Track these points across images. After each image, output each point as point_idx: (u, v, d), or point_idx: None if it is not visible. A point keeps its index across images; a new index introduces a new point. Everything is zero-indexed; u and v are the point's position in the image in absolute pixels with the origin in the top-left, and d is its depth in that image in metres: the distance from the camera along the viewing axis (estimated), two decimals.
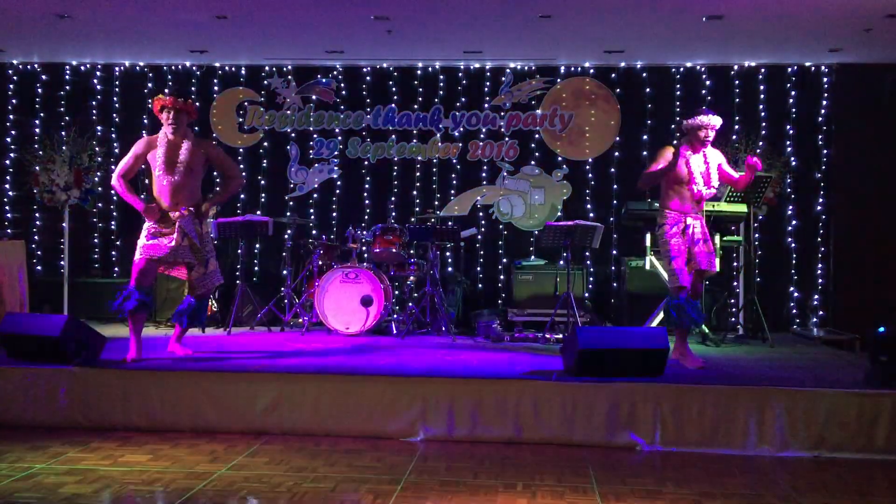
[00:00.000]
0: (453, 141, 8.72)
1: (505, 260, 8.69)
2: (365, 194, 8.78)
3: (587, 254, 8.47)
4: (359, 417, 5.00)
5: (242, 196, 8.77)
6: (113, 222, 8.90)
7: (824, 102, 8.40)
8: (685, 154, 5.55)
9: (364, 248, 7.64)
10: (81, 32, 7.68)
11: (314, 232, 8.67)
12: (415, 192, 8.76)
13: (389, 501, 3.84)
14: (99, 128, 8.81)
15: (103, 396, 5.12)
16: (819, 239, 8.40)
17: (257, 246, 8.79)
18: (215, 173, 7.42)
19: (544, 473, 4.31)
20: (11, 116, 8.91)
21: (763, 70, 8.44)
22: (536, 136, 8.66)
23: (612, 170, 8.57)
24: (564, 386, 4.95)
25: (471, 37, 7.71)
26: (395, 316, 7.60)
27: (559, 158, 8.65)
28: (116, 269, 8.85)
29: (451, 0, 6.65)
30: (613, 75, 8.60)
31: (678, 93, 8.53)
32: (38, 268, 8.77)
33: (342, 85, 8.81)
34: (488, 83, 8.69)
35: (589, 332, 5.15)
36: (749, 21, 7.01)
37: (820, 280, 8.39)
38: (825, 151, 8.41)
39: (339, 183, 8.81)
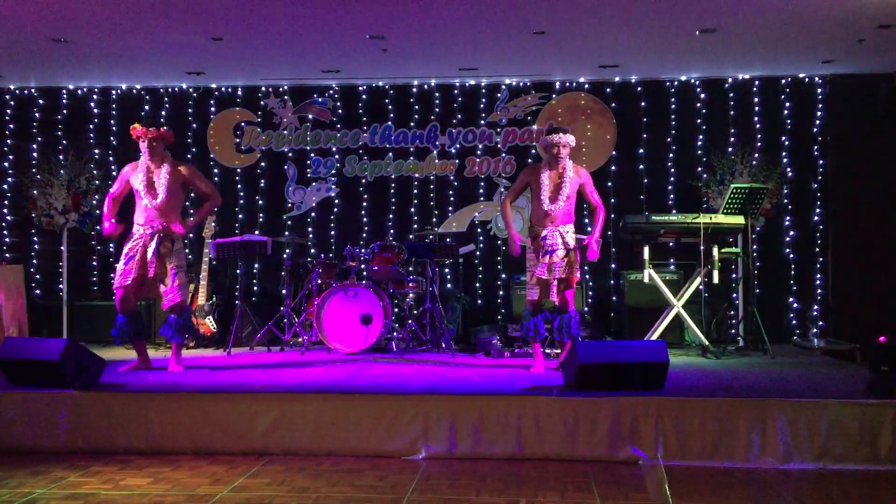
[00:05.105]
0: (450, 158, 8.75)
1: (504, 275, 8.69)
2: (363, 212, 8.79)
3: (586, 268, 8.46)
4: (360, 436, 4.99)
5: (241, 216, 8.78)
6: (111, 245, 8.89)
7: (819, 113, 8.43)
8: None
9: (363, 266, 7.63)
10: (78, 56, 7.71)
11: (313, 251, 8.68)
12: (412, 210, 8.77)
13: None
14: (96, 151, 8.83)
15: (103, 420, 5.10)
16: (817, 249, 8.40)
17: (256, 266, 8.79)
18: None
19: (547, 489, 4.29)
20: (9, 141, 8.94)
21: (757, 82, 8.48)
22: (533, 151, 8.68)
23: (609, 184, 8.57)
24: (565, 401, 4.94)
25: (465, 54, 7.75)
26: (395, 333, 7.59)
27: None
28: None
29: (445, 18, 6.69)
30: (608, 90, 8.63)
31: (673, 106, 8.57)
32: (37, 291, 8.76)
33: (338, 104, 8.84)
34: (484, 100, 8.73)
35: (589, 347, 5.16)
36: (742, 34, 7.05)
37: (819, 290, 8.39)
38: (821, 162, 8.43)
39: (336, 201, 8.83)
